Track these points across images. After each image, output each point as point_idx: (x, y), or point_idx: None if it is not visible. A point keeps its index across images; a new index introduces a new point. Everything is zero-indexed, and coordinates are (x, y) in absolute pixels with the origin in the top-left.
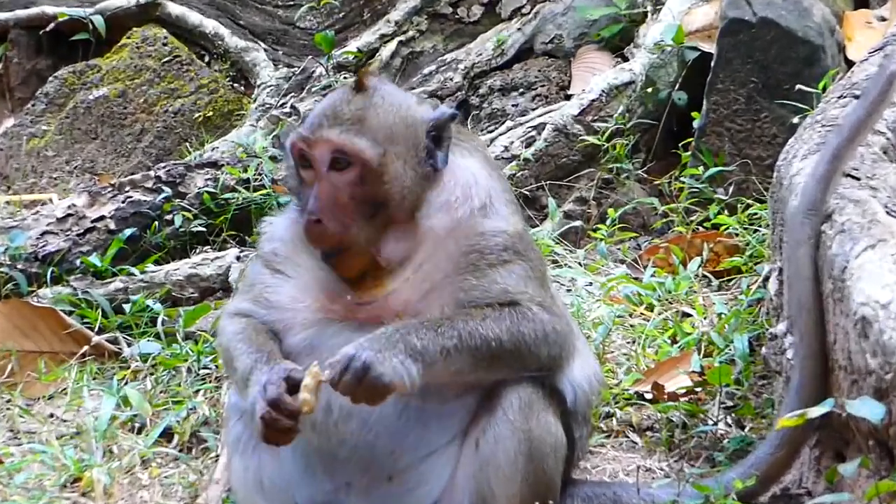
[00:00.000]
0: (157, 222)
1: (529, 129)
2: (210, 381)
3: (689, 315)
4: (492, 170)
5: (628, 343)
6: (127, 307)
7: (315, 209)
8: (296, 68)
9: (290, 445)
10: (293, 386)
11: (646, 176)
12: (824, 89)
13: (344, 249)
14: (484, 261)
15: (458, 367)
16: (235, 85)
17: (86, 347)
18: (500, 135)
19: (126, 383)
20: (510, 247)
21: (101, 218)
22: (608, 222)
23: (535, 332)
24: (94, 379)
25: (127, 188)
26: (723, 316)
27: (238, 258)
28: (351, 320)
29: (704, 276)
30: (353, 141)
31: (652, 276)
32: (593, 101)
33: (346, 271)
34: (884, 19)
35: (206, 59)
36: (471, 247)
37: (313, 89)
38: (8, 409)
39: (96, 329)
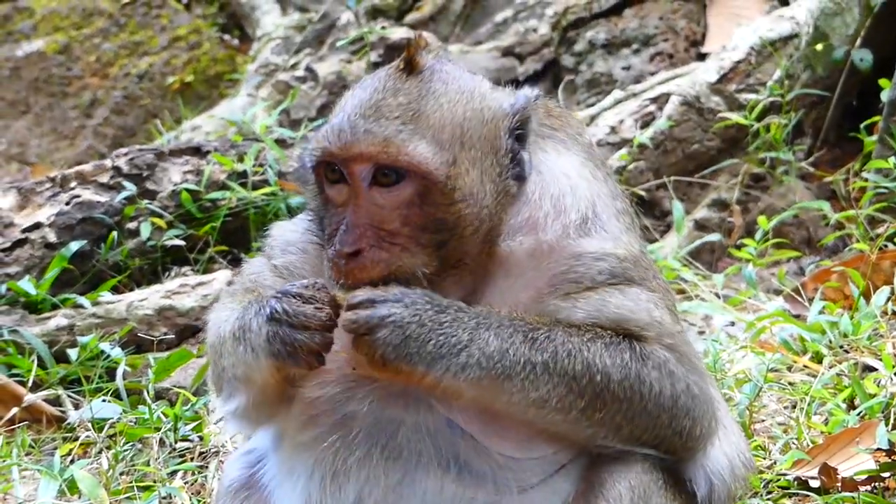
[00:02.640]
0: (115, 233)
1: (647, 103)
2: (192, 459)
3: (873, 369)
4: (595, 167)
5: (786, 408)
6: (73, 353)
7: (349, 241)
8: (312, 14)
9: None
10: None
11: (812, 170)
12: None
13: (388, 284)
14: (581, 286)
15: (540, 397)
16: (226, 37)
17: (15, 410)
18: (605, 110)
19: (73, 461)
20: (620, 274)
21: (36, 226)
22: (758, 236)
23: (661, 386)
24: (27, 454)
25: (72, 183)
26: None
27: (230, 284)
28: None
29: (895, 313)
30: (408, 144)
31: (820, 312)
32: (738, 62)
33: None
34: None
35: None
36: (561, 274)
37: (338, 44)
38: None
39: (30, 384)
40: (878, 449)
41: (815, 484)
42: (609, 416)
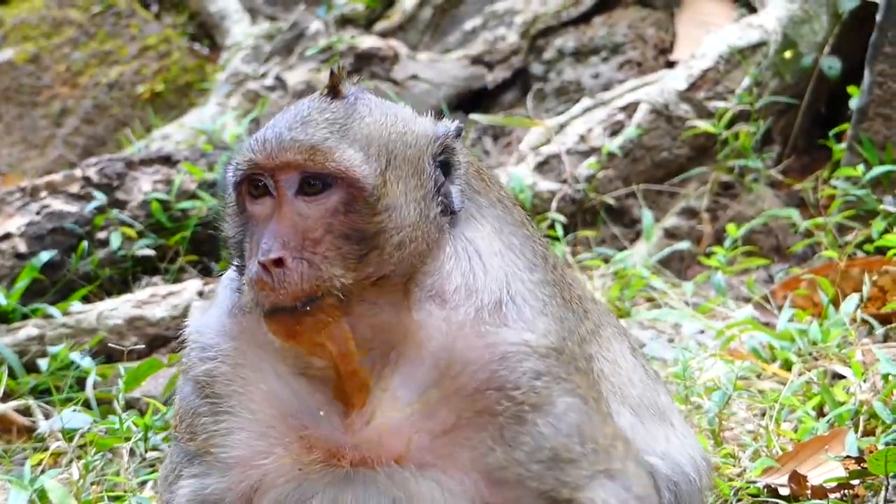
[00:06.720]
0: (85, 242)
1: (616, 111)
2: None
3: (842, 377)
4: (511, 234)
5: (755, 416)
6: (43, 363)
7: (274, 248)
8: (282, 23)
9: None
10: None
11: (781, 178)
12: None
13: (311, 306)
14: (511, 408)
15: None
16: (196, 46)
17: None
18: (574, 118)
19: (43, 471)
20: (544, 371)
21: (7, 236)
22: (727, 244)
23: None
24: None
25: (42, 193)
26: (890, 378)
27: (201, 294)
28: (335, 466)
29: (864, 321)
30: (336, 151)
31: (789, 320)
32: (707, 70)
33: (309, 345)
34: None
35: (155, 8)
36: (487, 382)
37: (306, 53)
38: None
39: (0, 394)
40: (848, 456)
41: (784, 491)
42: None
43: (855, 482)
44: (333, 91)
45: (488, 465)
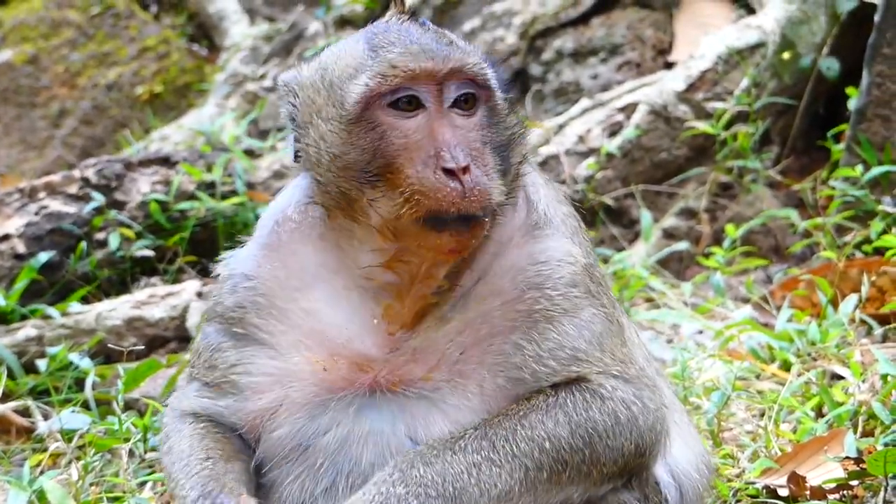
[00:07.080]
0: (84, 243)
1: (614, 112)
2: (161, 469)
3: (840, 377)
4: (544, 177)
5: (754, 417)
6: (42, 364)
7: (458, 155)
8: (280, 24)
9: None
10: None
11: (780, 178)
12: None
13: (485, 217)
14: (546, 307)
15: (503, 490)
16: (194, 47)
17: None
18: (573, 119)
19: (42, 471)
20: (580, 283)
21: (5, 237)
22: (726, 244)
23: (612, 418)
24: None
25: (41, 194)
26: (889, 379)
27: (199, 294)
28: (357, 388)
29: (863, 321)
30: (486, 68)
31: (788, 321)
32: (705, 71)
33: (457, 257)
34: None
35: (153, 9)
36: (529, 281)
37: (305, 54)
38: None
39: None
40: (847, 457)
41: (783, 492)
42: (575, 472)
43: (854, 483)
44: (413, 15)
45: (512, 365)
